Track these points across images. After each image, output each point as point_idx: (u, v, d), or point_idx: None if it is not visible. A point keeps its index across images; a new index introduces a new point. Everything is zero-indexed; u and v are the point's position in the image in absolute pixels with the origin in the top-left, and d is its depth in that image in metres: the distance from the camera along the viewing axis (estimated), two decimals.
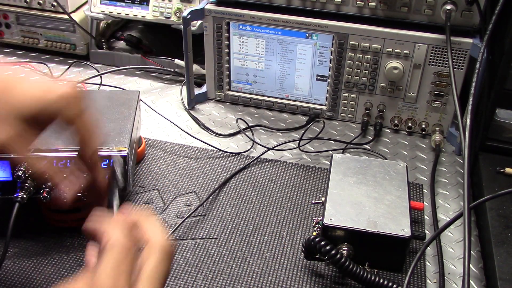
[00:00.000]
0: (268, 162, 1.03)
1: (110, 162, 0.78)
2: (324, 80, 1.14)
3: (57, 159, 0.78)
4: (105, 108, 0.93)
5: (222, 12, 1.11)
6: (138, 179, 0.97)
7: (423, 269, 0.81)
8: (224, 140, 1.10)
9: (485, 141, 1.00)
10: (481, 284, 0.80)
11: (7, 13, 1.37)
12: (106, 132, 0.85)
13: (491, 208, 0.86)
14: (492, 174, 0.94)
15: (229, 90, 1.22)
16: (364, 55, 1.08)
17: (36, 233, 0.85)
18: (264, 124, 1.15)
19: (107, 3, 1.29)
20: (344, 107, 1.15)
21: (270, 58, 1.15)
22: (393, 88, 1.09)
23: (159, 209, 0.91)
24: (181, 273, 0.79)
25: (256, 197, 0.94)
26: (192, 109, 1.21)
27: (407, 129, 1.13)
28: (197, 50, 1.17)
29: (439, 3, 1.00)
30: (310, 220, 0.89)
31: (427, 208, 0.93)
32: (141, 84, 1.31)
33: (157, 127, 1.14)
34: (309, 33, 1.09)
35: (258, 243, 0.85)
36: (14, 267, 0.79)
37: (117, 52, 1.38)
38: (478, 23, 1.00)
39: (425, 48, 1.03)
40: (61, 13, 1.33)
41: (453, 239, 0.87)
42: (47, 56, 1.41)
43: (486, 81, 0.98)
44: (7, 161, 0.77)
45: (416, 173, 1.02)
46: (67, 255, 0.81)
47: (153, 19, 1.27)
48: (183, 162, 1.02)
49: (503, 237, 0.80)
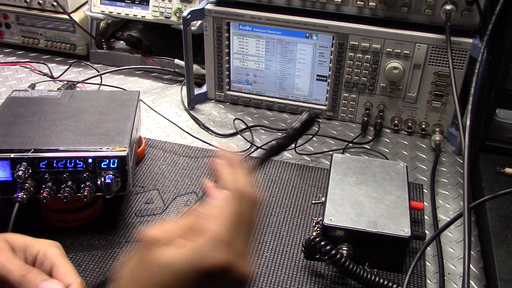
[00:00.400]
0: (268, 162, 1.03)
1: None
2: (324, 80, 1.14)
3: (57, 159, 0.78)
4: (105, 108, 0.93)
5: (222, 12, 1.11)
6: (138, 179, 0.97)
7: (423, 269, 0.81)
8: (224, 140, 1.10)
9: (485, 141, 1.00)
10: (481, 284, 0.80)
11: (7, 13, 1.37)
12: (106, 132, 0.85)
13: (491, 208, 0.86)
14: (492, 174, 0.94)
15: (229, 90, 1.22)
16: (364, 55, 1.08)
17: (36, 233, 0.85)
18: (264, 124, 1.15)
19: (107, 3, 1.29)
20: (344, 107, 1.15)
21: (270, 58, 1.15)
22: (393, 88, 1.09)
23: (159, 209, 0.91)
24: None
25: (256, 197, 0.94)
26: (192, 109, 1.21)
27: (407, 129, 1.13)
28: (197, 50, 1.17)
29: (439, 3, 1.00)
30: (310, 220, 0.89)
31: (427, 208, 0.93)
32: (141, 84, 1.31)
33: (157, 127, 1.14)
34: (309, 33, 1.09)
35: (258, 243, 0.85)
36: None
37: (117, 52, 1.38)
38: (478, 23, 1.00)
39: (425, 48, 1.03)
40: (61, 13, 1.33)
41: (453, 239, 0.87)
42: (47, 56, 1.41)
43: (486, 81, 0.98)
44: (7, 161, 0.76)
45: (416, 173, 1.02)
46: (67, 255, 0.81)
47: (153, 19, 1.27)
48: (183, 162, 1.02)
49: (503, 237, 0.80)
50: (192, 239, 0.46)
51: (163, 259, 0.45)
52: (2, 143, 0.80)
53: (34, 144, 0.80)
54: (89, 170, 0.78)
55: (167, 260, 0.45)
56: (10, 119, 0.87)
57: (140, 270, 0.46)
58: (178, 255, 0.45)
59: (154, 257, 0.45)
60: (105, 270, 0.79)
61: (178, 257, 0.45)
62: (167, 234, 0.47)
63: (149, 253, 0.46)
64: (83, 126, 0.86)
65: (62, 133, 0.84)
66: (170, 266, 0.45)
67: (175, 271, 0.44)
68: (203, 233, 0.46)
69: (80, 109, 0.92)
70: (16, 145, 0.79)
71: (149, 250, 0.46)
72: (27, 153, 0.77)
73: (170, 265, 0.45)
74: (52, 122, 0.87)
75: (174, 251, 0.45)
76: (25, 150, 0.78)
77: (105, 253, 0.82)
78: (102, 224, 0.87)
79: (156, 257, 0.45)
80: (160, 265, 0.45)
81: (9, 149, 0.78)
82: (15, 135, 0.82)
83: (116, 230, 0.86)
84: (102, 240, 0.84)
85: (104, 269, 0.79)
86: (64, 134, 0.83)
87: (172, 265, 0.45)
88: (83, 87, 1.27)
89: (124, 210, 0.90)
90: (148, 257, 0.46)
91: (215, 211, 0.49)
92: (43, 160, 0.77)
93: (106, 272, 0.79)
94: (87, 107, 0.93)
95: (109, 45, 1.41)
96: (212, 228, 0.46)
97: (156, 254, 0.45)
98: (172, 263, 0.45)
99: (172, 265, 0.45)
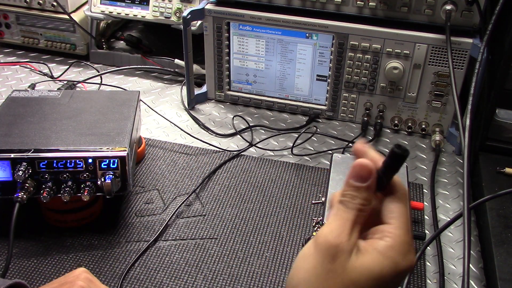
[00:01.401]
0: (268, 162, 1.03)
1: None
2: (324, 80, 1.14)
3: (57, 159, 0.78)
4: (105, 108, 0.93)
5: (222, 12, 1.11)
6: (138, 179, 0.97)
7: (423, 269, 0.81)
8: (224, 140, 1.10)
9: (485, 141, 1.00)
10: (481, 284, 0.80)
11: (7, 13, 1.37)
12: (106, 132, 0.85)
13: (491, 208, 0.86)
14: (492, 174, 0.94)
15: (229, 90, 1.22)
16: (364, 55, 1.08)
17: (36, 233, 0.85)
18: (264, 124, 1.15)
19: (107, 3, 1.29)
20: (344, 107, 1.15)
21: (270, 58, 1.15)
22: (393, 88, 1.09)
23: (159, 209, 0.91)
24: (181, 273, 0.79)
25: (256, 197, 0.94)
26: (192, 109, 1.21)
27: (407, 129, 1.13)
28: (197, 50, 1.17)
29: (439, 3, 1.00)
30: (310, 220, 0.89)
31: (427, 208, 0.93)
32: (141, 84, 1.31)
33: (157, 127, 1.14)
34: (309, 33, 1.09)
35: (258, 243, 0.85)
36: (14, 267, 0.79)
37: (117, 52, 1.38)
38: (478, 23, 1.00)
39: (425, 48, 1.03)
40: (61, 13, 1.33)
41: (453, 239, 0.87)
42: (47, 56, 1.41)
43: (486, 81, 0.98)
44: (7, 161, 0.77)
45: (416, 173, 1.02)
46: (67, 255, 0.81)
47: (153, 19, 1.27)
48: (183, 162, 1.02)
49: (503, 237, 0.80)
50: (372, 242, 0.43)
51: (360, 270, 0.42)
52: (2, 143, 0.80)
53: (34, 144, 0.80)
54: (89, 170, 0.78)
55: (367, 271, 0.42)
56: (10, 119, 0.87)
57: (327, 283, 0.42)
58: (374, 264, 0.42)
59: (345, 268, 0.42)
60: (105, 270, 0.79)
61: (378, 267, 0.42)
62: (346, 239, 0.42)
63: (336, 263, 0.42)
64: (83, 126, 0.86)
65: (62, 133, 0.84)
66: (371, 276, 0.42)
67: (375, 279, 0.42)
68: (387, 237, 0.43)
69: (80, 109, 0.92)
70: (16, 145, 0.79)
71: (335, 260, 0.42)
72: (27, 153, 0.77)
73: (370, 276, 0.42)
74: (52, 122, 0.87)
75: (368, 260, 0.42)
76: (25, 150, 0.78)
77: (105, 253, 0.82)
78: (102, 224, 0.87)
79: (349, 268, 0.42)
80: (358, 277, 0.42)
81: (9, 149, 0.78)
82: (15, 135, 0.82)
83: (116, 230, 0.86)
84: (102, 240, 0.84)
85: (104, 269, 0.79)
86: (64, 134, 0.83)
87: (372, 275, 0.42)
88: (83, 87, 1.27)
89: (124, 210, 0.90)
90: (336, 268, 0.42)
91: (397, 209, 0.45)
92: (43, 160, 0.77)
93: (106, 272, 0.79)
94: (87, 107, 0.93)
95: (109, 45, 1.41)
96: (397, 232, 0.43)
97: (347, 264, 0.42)
98: (372, 274, 0.42)
99: (372, 275, 0.42)
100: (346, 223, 0.43)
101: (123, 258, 0.81)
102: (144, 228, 0.87)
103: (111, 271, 0.79)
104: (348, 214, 0.43)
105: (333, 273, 0.42)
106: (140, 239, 0.84)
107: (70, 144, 0.81)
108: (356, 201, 0.43)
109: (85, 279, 0.64)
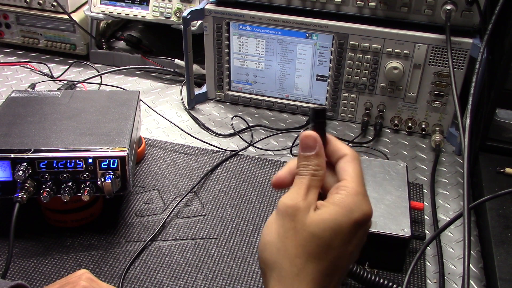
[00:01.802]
0: (268, 162, 1.03)
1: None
2: (324, 80, 1.14)
3: (57, 159, 0.78)
4: (105, 108, 0.93)
5: (222, 12, 1.11)
6: (138, 179, 0.97)
7: (423, 269, 0.81)
8: (224, 140, 1.10)
9: (485, 141, 1.00)
10: (481, 284, 0.80)
11: (7, 13, 1.37)
12: (106, 132, 0.85)
13: (491, 208, 0.86)
14: (492, 174, 0.94)
15: (229, 90, 1.22)
16: (364, 55, 1.08)
17: (36, 233, 0.85)
18: (264, 124, 1.15)
19: (107, 3, 1.29)
20: (344, 107, 1.15)
21: (270, 58, 1.15)
22: (393, 88, 1.09)
23: (159, 209, 0.91)
24: (181, 273, 0.79)
25: (256, 197, 0.94)
26: (192, 109, 1.21)
27: (407, 129, 1.13)
28: (197, 50, 1.17)
29: (439, 3, 1.00)
30: None
31: (427, 208, 0.93)
32: (141, 84, 1.31)
33: (157, 127, 1.14)
34: (309, 33, 1.09)
35: (258, 243, 0.85)
36: (14, 267, 0.79)
37: (117, 52, 1.38)
38: (478, 23, 1.00)
39: (425, 48, 1.03)
40: (61, 13, 1.33)
41: (453, 239, 0.87)
42: (47, 56, 1.41)
43: (486, 81, 0.98)
44: (7, 161, 0.77)
45: (416, 173, 1.02)
46: (67, 255, 0.81)
47: (153, 19, 1.27)
48: (183, 162, 1.02)
49: (503, 237, 0.80)
50: (329, 198, 0.48)
51: (317, 222, 0.46)
52: (2, 143, 0.80)
53: (34, 144, 0.80)
54: (89, 170, 0.78)
55: (322, 222, 0.46)
56: (10, 119, 0.87)
57: (289, 240, 0.46)
58: (330, 214, 0.46)
59: (304, 224, 0.46)
60: (105, 270, 0.79)
61: (333, 216, 0.46)
62: (302, 199, 0.47)
63: (295, 221, 0.46)
64: (83, 126, 0.86)
65: (62, 133, 0.84)
66: (328, 226, 0.46)
67: (333, 229, 0.46)
68: (341, 190, 0.48)
69: (80, 109, 0.92)
70: (16, 145, 0.79)
71: (293, 219, 0.46)
72: (27, 153, 0.77)
73: (327, 225, 0.46)
74: (52, 122, 0.87)
75: (324, 212, 0.46)
76: (25, 150, 0.78)
77: (105, 253, 0.82)
78: (102, 224, 0.87)
79: (307, 223, 0.46)
80: (315, 229, 0.46)
81: (9, 149, 0.78)
82: (15, 135, 0.82)
83: (116, 230, 0.86)
84: (102, 240, 0.84)
85: (104, 269, 0.79)
86: (64, 134, 0.83)
87: (328, 224, 0.46)
88: (83, 87, 1.27)
89: (124, 210, 0.90)
90: (296, 225, 0.46)
91: (349, 167, 0.50)
92: (43, 160, 0.77)
93: (106, 272, 0.79)
94: (87, 107, 0.93)
95: (109, 45, 1.41)
96: (350, 185, 0.48)
97: (305, 220, 0.46)
98: (328, 223, 0.46)
99: (329, 224, 0.46)
100: (301, 186, 0.48)
101: (123, 258, 0.81)
102: (144, 228, 0.87)
103: (111, 271, 0.79)
104: (302, 179, 0.49)
105: (293, 230, 0.46)
106: (140, 239, 0.84)
107: (70, 144, 0.81)
108: (308, 168, 0.49)
109: (88, 279, 0.65)
